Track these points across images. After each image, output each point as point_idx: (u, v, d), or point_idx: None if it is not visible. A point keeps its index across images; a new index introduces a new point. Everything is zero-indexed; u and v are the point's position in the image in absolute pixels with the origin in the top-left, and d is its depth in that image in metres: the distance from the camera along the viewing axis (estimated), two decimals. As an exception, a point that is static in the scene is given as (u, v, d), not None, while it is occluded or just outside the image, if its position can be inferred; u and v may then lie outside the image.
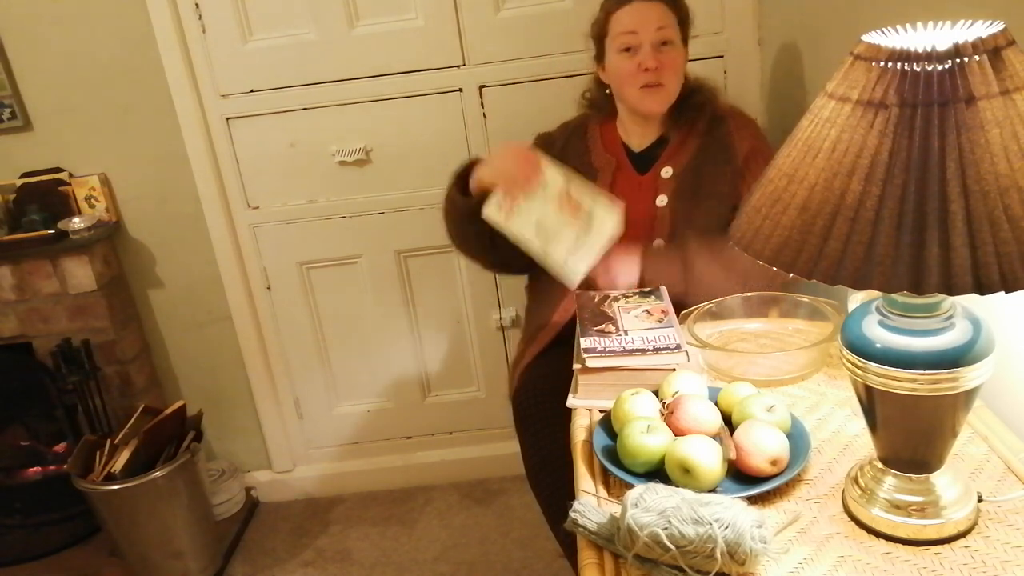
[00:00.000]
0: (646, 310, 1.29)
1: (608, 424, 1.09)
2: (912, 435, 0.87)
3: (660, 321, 1.25)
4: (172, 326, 2.31)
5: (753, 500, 0.93)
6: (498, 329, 2.26)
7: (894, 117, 0.70)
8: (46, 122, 2.11)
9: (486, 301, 2.24)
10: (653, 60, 1.48)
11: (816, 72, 1.68)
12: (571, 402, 1.21)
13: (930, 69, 0.68)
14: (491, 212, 1.46)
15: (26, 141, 2.12)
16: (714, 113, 1.60)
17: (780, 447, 0.96)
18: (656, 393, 1.11)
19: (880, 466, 0.90)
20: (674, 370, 1.15)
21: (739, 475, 0.97)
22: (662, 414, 1.05)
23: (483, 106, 2.05)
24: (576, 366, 1.20)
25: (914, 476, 0.88)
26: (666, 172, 1.56)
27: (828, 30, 1.60)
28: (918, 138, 0.69)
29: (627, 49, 1.51)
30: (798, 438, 1.01)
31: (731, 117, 1.61)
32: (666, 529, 0.82)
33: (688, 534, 0.81)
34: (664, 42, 1.50)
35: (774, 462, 0.95)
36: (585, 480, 1.03)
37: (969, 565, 0.82)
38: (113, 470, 1.96)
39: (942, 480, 0.88)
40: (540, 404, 1.50)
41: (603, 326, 1.24)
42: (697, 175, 1.55)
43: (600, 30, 1.57)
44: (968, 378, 0.79)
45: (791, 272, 0.76)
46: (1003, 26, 0.70)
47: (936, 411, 0.82)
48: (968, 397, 0.82)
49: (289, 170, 2.14)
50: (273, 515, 2.40)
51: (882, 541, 0.87)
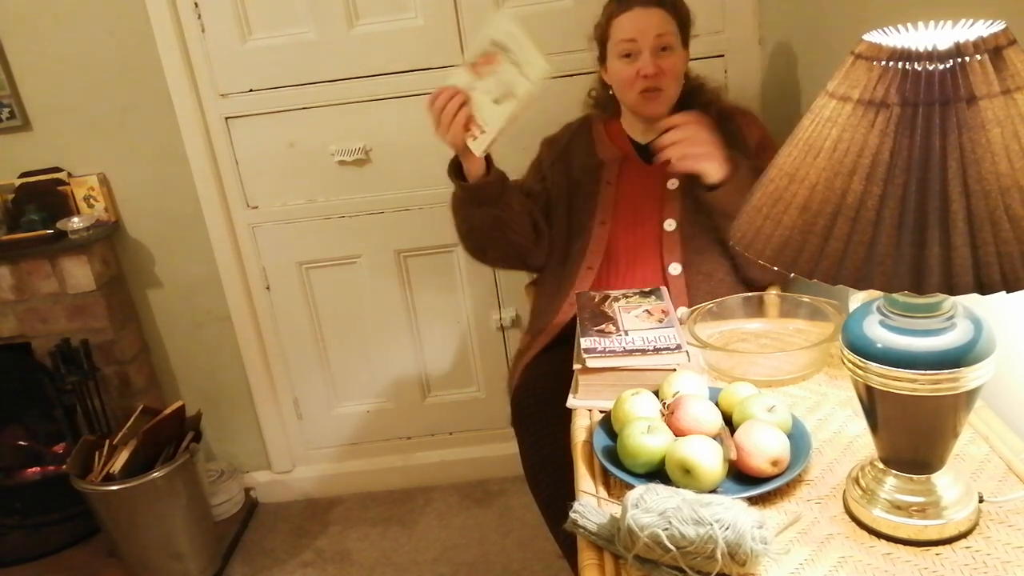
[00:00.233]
0: (646, 310, 1.29)
1: (608, 424, 1.09)
2: (913, 435, 0.87)
3: (660, 321, 1.24)
4: (171, 326, 2.31)
5: (754, 501, 0.93)
6: (498, 329, 2.26)
7: (895, 116, 0.70)
8: (45, 122, 2.11)
9: (486, 301, 2.24)
10: (652, 66, 1.52)
11: (816, 71, 1.68)
12: (571, 402, 1.21)
13: (931, 68, 0.68)
14: (475, 145, 1.46)
15: (25, 141, 2.12)
16: (720, 109, 1.65)
17: (781, 447, 0.96)
18: (656, 393, 1.11)
19: (881, 466, 0.90)
20: (674, 370, 1.15)
21: (740, 476, 0.97)
22: (662, 414, 1.04)
23: (483, 106, 2.05)
24: (576, 366, 1.20)
25: (915, 476, 0.88)
26: None
27: (828, 29, 1.60)
28: (919, 138, 0.69)
29: (627, 55, 1.55)
30: (799, 438, 1.01)
31: (738, 113, 1.66)
32: (666, 530, 0.82)
33: (689, 535, 0.81)
34: (663, 48, 1.53)
35: (775, 463, 0.95)
36: (585, 481, 1.03)
37: (970, 566, 0.82)
38: (112, 470, 1.95)
39: (943, 481, 0.88)
40: (540, 404, 1.50)
41: (603, 326, 1.24)
42: None
43: (602, 34, 1.61)
44: (969, 378, 0.79)
45: (791, 272, 0.76)
46: (1004, 26, 0.70)
47: (937, 411, 0.82)
48: (969, 397, 0.81)
49: (288, 170, 2.14)
50: (272, 516, 2.39)
51: (883, 542, 0.86)
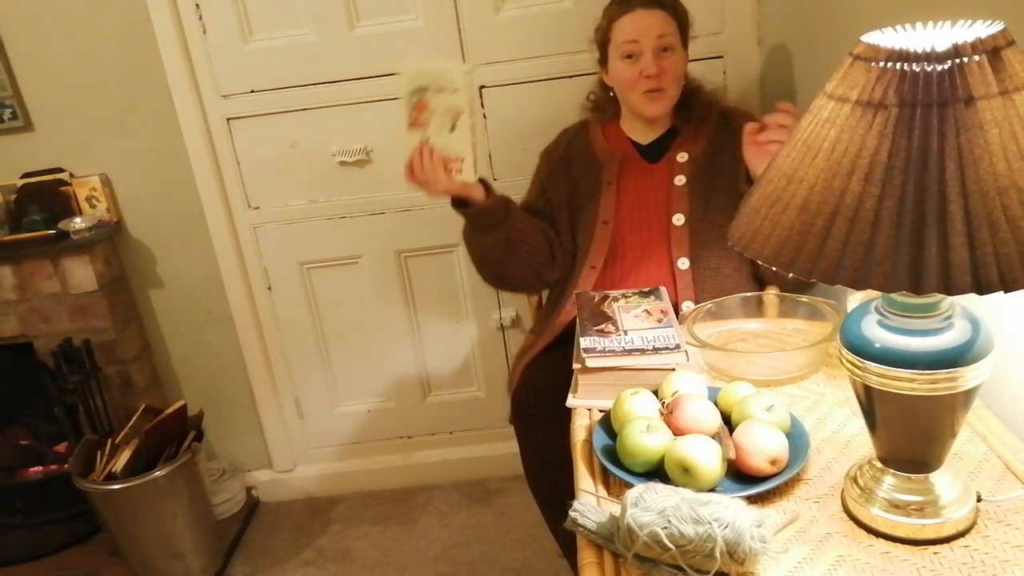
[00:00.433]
0: (646, 310, 1.29)
1: (608, 424, 1.09)
2: (911, 435, 0.87)
3: (660, 321, 1.25)
4: (173, 326, 2.31)
5: (752, 500, 0.93)
6: (498, 329, 2.27)
7: (893, 117, 0.70)
8: (47, 122, 2.11)
9: (486, 301, 2.24)
10: (655, 67, 1.54)
11: (816, 72, 1.69)
12: (571, 402, 1.21)
13: (929, 69, 0.69)
14: (464, 176, 1.49)
15: (27, 141, 2.12)
16: (722, 110, 1.67)
17: (779, 447, 0.96)
18: (656, 393, 1.11)
19: (879, 466, 0.90)
20: (674, 370, 1.15)
21: (738, 475, 0.97)
22: (662, 414, 1.05)
23: (483, 106, 2.05)
24: (576, 366, 1.20)
25: (913, 476, 0.88)
26: (682, 157, 1.62)
27: (828, 30, 1.60)
28: (917, 138, 0.69)
29: (629, 56, 1.56)
30: (797, 438, 1.01)
31: (739, 114, 1.67)
32: (666, 528, 0.82)
33: (688, 533, 0.81)
34: (664, 48, 1.54)
35: (773, 462, 0.96)
36: (585, 480, 1.03)
37: (968, 565, 0.82)
38: (114, 470, 1.96)
39: (941, 480, 0.88)
40: (540, 404, 1.50)
41: (603, 326, 1.24)
42: (713, 160, 1.61)
43: (603, 36, 1.62)
44: (967, 378, 0.80)
45: (791, 272, 0.76)
46: (1002, 26, 0.70)
47: (935, 411, 0.82)
48: (967, 397, 0.82)
49: (289, 170, 2.14)
50: (274, 515, 2.40)
51: (881, 540, 0.87)
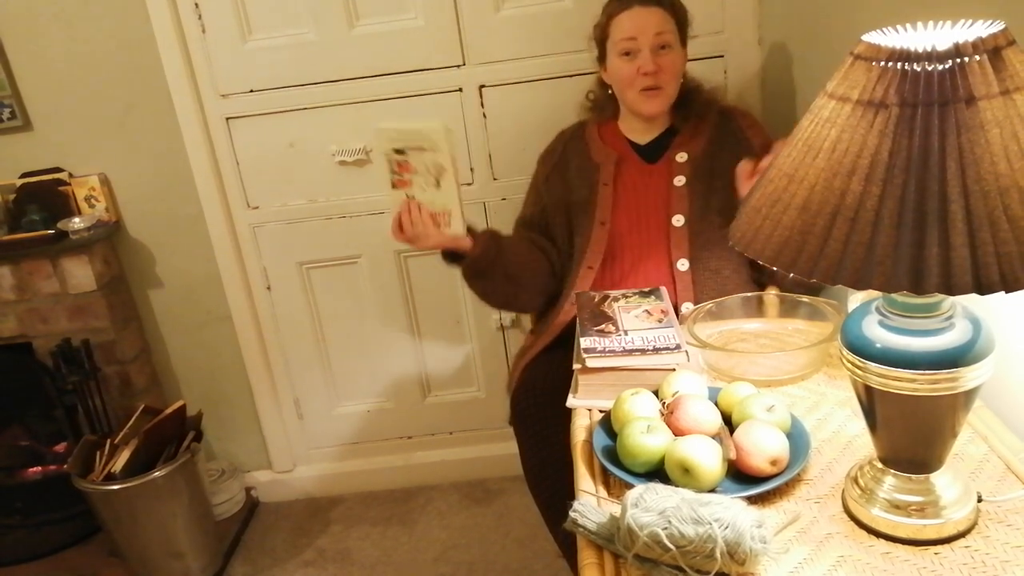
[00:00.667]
0: (646, 310, 1.29)
1: (608, 424, 1.09)
2: (912, 435, 0.87)
3: (660, 321, 1.25)
4: (172, 326, 2.31)
5: (753, 500, 0.93)
6: (498, 329, 2.26)
7: (894, 117, 0.70)
8: (46, 122, 2.11)
9: (486, 301, 2.24)
10: (652, 64, 1.54)
11: (816, 72, 1.69)
12: (571, 402, 1.21)
13: (930, 69, 0.68)
14: (453, 229, 1.51)
15: (26, 141, 2.12)
16: (721, 109, 1.67)
17: (780, 447, 0.96)
18: (656, 393, 1.11)
19: (880, 466, 0.90)
20: (674, 370, 1.15)
21: (739, 475, 0.97)
22: (662, 414, 1.05)
23: (483, 106, 2.05)
24: (576, 366, 1.20)
25: (914, 476, 0.88)
26: (681, 157, 1.62)
27: (828, 30, 1.60)
28: (918, 138, 0.69)
29: (627, 53, 1.56)
30: (798, 438, 1.01)
31: (738, 114, 1.68)
32: (666, 529, 0.82)
33: (688, 534, 0.81)
34: (662, 46, 1.54)
35: (774, 462, 0.95)
36: (585, 480, 1.03)
37: (969, 565, 0.82)
38: (113, 470, 1.96)
39: (942, 480, 0.88)
40: (539, 405, 1.50)
41: (603, 326, 1.24)
42: (712, 160, 1.60)
43: (602, 33, 1.62)
44: (968, 378, 0.79)
45: (791, 272, 0.76)
46: (1003, 26, 0.70)
47: (936, 411, 0.82)
48: (968, 397, 0.82)
49: (289, 170, 2.14)
50: (273, 515, 2.40)
51: (882, 541, 0.87)
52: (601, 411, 1.16)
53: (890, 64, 0.70)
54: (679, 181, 1.60)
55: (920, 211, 0.69)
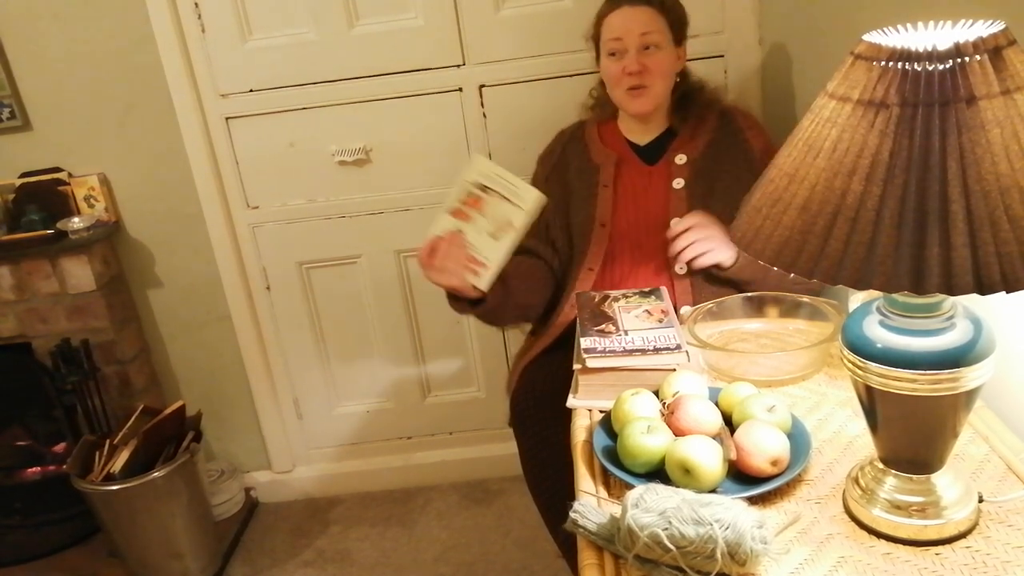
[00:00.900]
0: (646, 310, 1.29)
1: (608, 424, 1.09)
2: (913, 435, 0.87)
3: (660, 321, 1.24)
4: (171, 326, 2.31)
5: (754, 500, 0.93)
6: (498, 329, 2.26)
7: (895, 117, 0.70)
8: (45, 122, 2.10)
9: (486, 301, 2.24)
10: (635, 64, 1.54)
11: (816, 72, 1.68)
12: (571, 402, 1.21)
13: (931, 69, 0.68)
14: (480, 281, 1.45)
15: (25, 141, 2.12)
16: (722, 110, 1.66)
17: (781, 447, 0.96)
18: (656, 393, 1.11)
19: (881, 466, 0.90)
20: (674, 370, 1.15)
21: (739, 475, 0.97)
22: (662, 414, 1.05)
23: (483, 106, 2.05)
24: (576, 366, 1.20)
25: (915, 476, 0.88)
26: (680, 159, 1.61)
27: (828, 30, 1.60)
28: (919, 138, 0.69)
29: (614, 53, 1.56)
30: (799, 438, 1.01)
31: (739, 115, 1.67)
32: (666, 530, 0.82)
33: (688, 534, 0.81)
34: (649, 46, 1.54)
35: (775, 462, 0.95)
36: (585, 480, 1.03)
37: (970, 566, 0.82)
38: (112, 470, 1.95)
39: (943, 480, 0.88)
40: (539, 405, 1.50)
41: (603, 326, 1.24)
42: (712, 162, 1.60)
43: (595, 33, 1.63)
44: (969, 378, 0.79)
45: (791, 272, 0.76)
46: (1004, 26, 0.70)
47: (937, 411, 0.82)
48: (969, 397, 0.81)
49: (288, 170, 2.14)
50: (273, 515, 2.39)
51: (883, 541, 0.86)
52: (601, 411, 1.16)
53: (891, 64, 0.70)
54: (678, 184, 1.59)
55: (921, 211, 0.69)
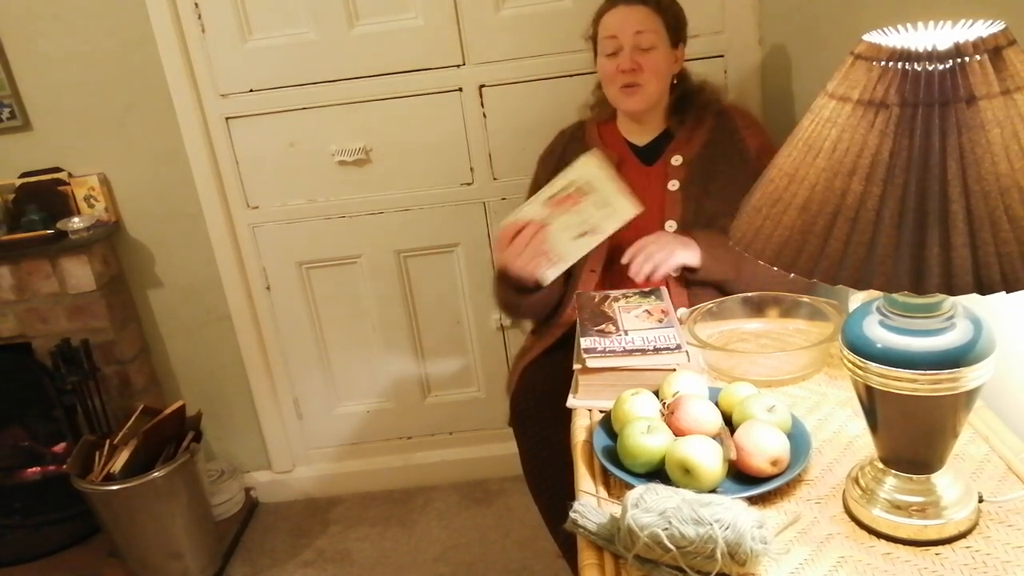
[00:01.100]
0: (646, 310, 1.29)
1: (608, 424, 1.09)
2: (913, 435, 0.87)
3: (660, 321, 1.24)
4: (171, 326, 2.31)
5: (754, 500, 0.93)
6: (498, 329, 2.26)
7: (895, 117, 0.70)
8: (45, 122, 2.10)
9: (486, 301, 2.24)
10: (629, 63, 1.54)
11: (816, 72, 1.68)
12: (571, 402, 1.21)
13: (931, 69, 0.68)
14: (549, 275, 1.49)
15: (25, 141, 2.12)
16: (720, 110, 1.66)
17: (781, 447, 0.96)
18: (656, 393, 1.11)
19: (881, 466, 0.90)
20: (674, 370, 1.15)
21: (739, 475, 0.97)
22: (662, 414, 1.04)
23: (483, 106, 2.05)
24: (576, 366, 1.20)
25: (915, 476, 0.88)
26: (676, 160, 1.61)
27: (828, 30, 1.60)
28: (919, 138, 0.69)
29: (610, 52, 1.57)
30: (799, 438, 1.01)
31: (737, 115, 1.67)
32: (666, 530, 0.82)
33: (688, 534, 0.81)
34: (643, 45, 1.54)
35: (775, 462, 0.95)
36: (585, 481, 1.03)
37: (970, 566, 0.82)
38: (112, 470, 1.95)
39: (943, 480, 0.88)
40: (539, 405, 1.50)
41: (603, 326, 1.24)
42: (707, 163, 1.60)
43: (593, 33, 1.64)
44: (969, 378, 0.79)
45: (791, 272, 0.76)
46: (1004, 26, 0.70)
47: (937, 411, 0.82)
48: (969, 397, 0.81)
49: (289, 170, 2.14)
50: (273, 515, 2.39)
51: (883, 541, 0.86)
52: (601, 411, 1.16)
53: (891, 64, 0.70)
54: (673, 186, 1.59)
55: (921, 211, 0.69)
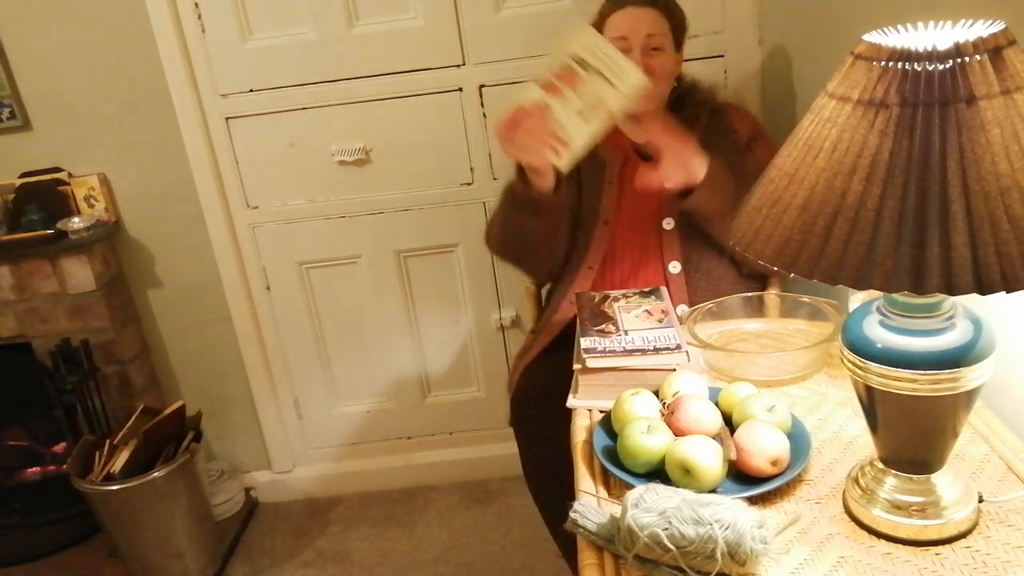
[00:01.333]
0: (646, 310, 1.29)
1: (608, 424, 1.09)
2: (913, 435, 0.87)
3: (660, 321, 1.24)
4: (171, 326, 2.31)
5: (754, 500, 0.93)
6: (498, 329, 2.26)
7: (895, 117, 0.70)
8: (45, 122, 2.10)
9: (486, 301, 2.24)
10: (640, 63, 1.51)
11: (816, 72, 1.68)
12: (571, 402, 1.21)
13: (931, 69, 0.68)
14: (560, 162, 1.39)
15: (25, 141, 2.11)
16: (714, 107, 1.65)
17: (781, 447, 0.96)
18: (656, 393, 1.11)
19: (881, 466, 0.90)
20: (674, 370, 1.15)
21: (739, 475, 0.97)
22: (662, 414, 1.04)
23: (483, 105, 2.05)
24: (576, 366, 1.20)
25: (915, 476, 0.88)
26: None
27: (828, 30, 1.60)
28: (919, 138, 0.69)
29: None
30: (799, 438, 1.01)
31: (731, 110, 1.67)
32: (666, 530, 0.82)
33: (688, 534, 0.81)
34: (654, 48, 1.54)
35: (775, 462, 0.95)
36: (585, 480, 1.03)
37: (970, 566, 0.82)
38: (112, 470, 1.95)
39: (943, 480, 0.88)
40: (539, 405, 1.50)
41: (603, 326, 1.24)
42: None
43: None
44: (969, 378, 0.79)
45: (792, 272, 0.76)
46: (1004, 26, 0.70)
47: (937, 411, 0.82)
48: (969, 397, 0.81)
49: (289, 170, 2.14)
50: (273, 515, 2.39)
51: (883, 541, 0.86)
52: (601, 411, 1.16)
53: (891, 64, 0.70)
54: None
55: (921, 211, 0.69)
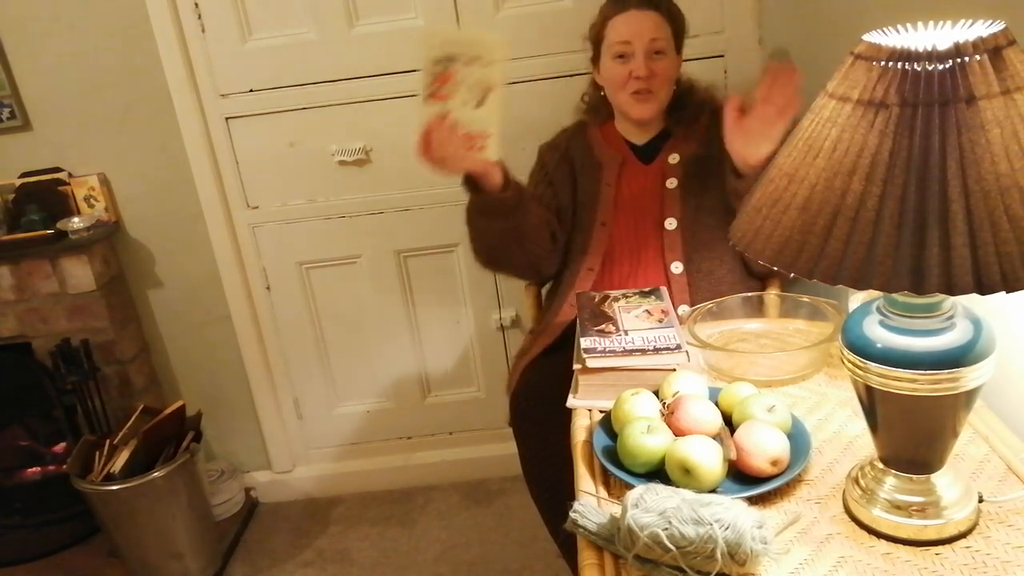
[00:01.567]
0: (646, 310, 1.29)
1: (608, 424, 1.09)
2: (913, 435, 0.87)
3: (660, 321, 1.24)
4: (171, 326, 2.31)
5: (754, 500, 0.93)
6: (498, 329, 2.26)
7: (895, 117, 0.70)
8: (45, 122, 2.10)
9: (486, 301, 2.24)
10: (645, 69, 1.53)
11: (816, 72, 1.68)
12: (571, 402, 1.21)
13: (931, 69, 0.68)
14: (490, 153, 1.39)
15: (25, 141, 2.12)
16: (714, 108, 1.65)
17: (781, 447, 0.96)
18: (656, 393, 1.11)
19: (881, 466, 0.90)
20: (674, 370, 1.15)
21: (739, 475, 0.97)
22: (662, 414, 1.05)
23: (483, 106, 2.05)
24: (576, 366, 1.20)
25: (915, 476, 0.88)
26: (673, 158, 1.62)
27: (829, 29, 1.60)
28: (919, 138, 0.69)
29: (621, 56, 1.56)
30: (799, 438, 1.01)
31: None
32: (666, 530, 0.82)
33: (688, 534, 0.81)
34: (657, 51, 1.54)
35: (775, 462, 0.95)
36: (585, 480, 1.03)
37: (970, 566, 0.82)
38: (112, 470, 1.95)
39: (943, 480, 0.88)
40: (539, 406, 1.50)
41: (603, 326, 1.24)
42: (703, 160, 1.60)
43: (597, 34, 1.62)
44: (969, 378, 0.79)
45: (791, 272, 0.76)
46: (1004, 26, 0.70)
47: (937, 411, 0.82)
48: (969, 397, 0.81)
49: (288, 170, 2.14)
50: (273, 515, 2.39)
51: (883, 541, 0.86)
52: (601, 411, 1.16)
53: (891, 64, 0.70)
54: (671, 184, 1.60)
55: (921, 211, 0.69)
